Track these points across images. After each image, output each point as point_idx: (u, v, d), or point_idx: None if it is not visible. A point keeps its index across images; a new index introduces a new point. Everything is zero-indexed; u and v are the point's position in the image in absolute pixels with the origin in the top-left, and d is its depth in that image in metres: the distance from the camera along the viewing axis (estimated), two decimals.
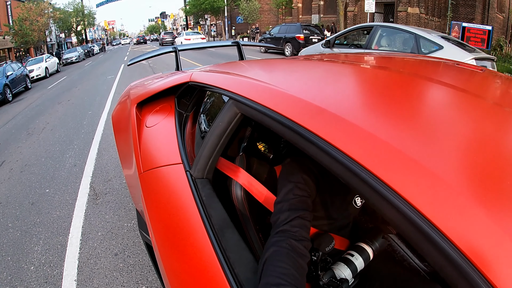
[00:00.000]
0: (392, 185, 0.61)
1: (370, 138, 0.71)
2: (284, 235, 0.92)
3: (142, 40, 58.72)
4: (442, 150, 0.68)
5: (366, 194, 0.66)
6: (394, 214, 0.61)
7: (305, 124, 0.82)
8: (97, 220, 3.20)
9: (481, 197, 0.56)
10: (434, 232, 0.54)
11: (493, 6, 22.37)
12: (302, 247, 0.92)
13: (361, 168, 0.67)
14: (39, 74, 19.22)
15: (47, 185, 4.18)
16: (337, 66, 1.49)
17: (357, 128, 0.75)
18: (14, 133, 7.28)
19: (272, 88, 1.05)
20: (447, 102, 0.98)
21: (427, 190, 0.58)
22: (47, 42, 38.33)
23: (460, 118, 0.86)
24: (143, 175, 1.56)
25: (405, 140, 0.71)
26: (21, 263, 2.74)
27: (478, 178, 0.62)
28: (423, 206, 0.57)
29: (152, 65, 15.75)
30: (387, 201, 0.61)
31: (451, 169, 0.63)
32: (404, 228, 0.60)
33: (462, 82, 1.23)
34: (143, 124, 1.89)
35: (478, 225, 0.52)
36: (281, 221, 0.96)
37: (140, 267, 2.48)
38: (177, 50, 2.86)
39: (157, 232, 1.26)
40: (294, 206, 0.99)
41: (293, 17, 33.77)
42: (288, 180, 1.07)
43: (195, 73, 1.65)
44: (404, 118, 0.84)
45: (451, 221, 0.53)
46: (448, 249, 0.52)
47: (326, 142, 0.75)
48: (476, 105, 0.94)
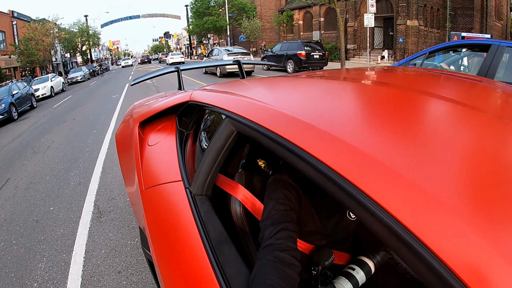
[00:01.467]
0: (384, 205, 0.62)
1: (358, 153, 0.73)
2: (269, 249, 0.94)
3: (146, 59, 59.50)
4: (435, 167, 0.68)
5: (354, 209, 0.68)
6: (383, 232, 0.61)
7: (293, 140, 0.86)
8: (100, 238, 3.23)
9: (480, 219, 0.55)
10: (425, 251, 0.54)
11: (491, 15, 22.63)
12: (289, 257, 0.93)
13: (346, 183, 0.69)
14: (44, 93, 19.47)
15: (51, 203, 4.22)
16: (335, 83, 1.52)
17: (343, 143, 0.77)
18: (20, 151, 7.36)
19: (265, 106, 1.09)
20: (442, 115, 0.99)
21: (418, 209, 0.59)
22: (53, 62, 38.90)
23: (455, 132, 0.86)
24: (144, 192, 1.60)
25: (399, 158, 0.71)
26: (25, 280, 2.75)
27: (475, 198, 0.61)
28: (412, 224, 0.57)
29: (156, 84, 15.94)
30: (377, 219, 0.62)
31: (446, 189, 0.62)
32: (391, 244, 0.60)
33: (457, 94, 1.25)
34: (145, 142, 1.94)
35: (473, 245, 0.52)
36: (266, 237, 0.98)
37: (143, 284, 2.49)
38: (179, 70, 2.92)
39: (157, 248, 1.29)
40: (276, 220, 1.01)
41: (294, 34, 34.25)
42: (270, 198, 1.09)
43: (194, 92, 1.71)
44: (398, 135, 0.84)
45: (445, 243, 0.53)
46: (441, 270, 0.52)
47: (314, 157, 0.78)
48: (473, 118, 0.94)
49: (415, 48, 20.99)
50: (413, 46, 21.12)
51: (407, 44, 21.15)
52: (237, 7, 38.26)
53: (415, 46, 21.13)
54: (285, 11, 35.20)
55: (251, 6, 38.28)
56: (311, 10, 31.39)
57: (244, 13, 37.56)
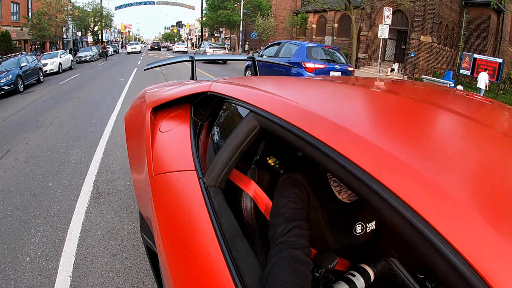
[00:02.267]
0: (414, 206, 0.64)
1: (392, 159, 0.74)
2: (283, 246, 0.95)
3: (156, 46, 59.42)
4: (456, 173, 0.72)
5: (382, 210, 0.69)
6: (410, 231, 0.63)
7: (327, 141, 0.85)
8: (97, 219, 3.21)
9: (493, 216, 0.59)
10: (447, 248, 0.57)
11: (505, 39, 22.65)
12: (303, 255, 0.94)
13: (381, 187, 0.69)
14: (52, 69, 19.50)
15: (50, 179, 4.21)
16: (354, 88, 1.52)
17: (378, 149, 0.77)
18: (23, 124, 7.34)
19: (293, 104, 1.07)
20: (460, 130, 1.01)
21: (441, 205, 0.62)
22: (63, 39, 38.83)
23: (475, 147, 0.89)
24: (154, 178, 1.58)
25: (422, 161, 0.74)
26: (17, 253, 2.74)
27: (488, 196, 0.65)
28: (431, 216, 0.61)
29: (164, 72, 15.92)
30: (406, 220, 0.64)
31: (465, 190, 0.66)
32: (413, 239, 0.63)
33: (473, 112, 1.25)
34: (157, 128, 1.92)
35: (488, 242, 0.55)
36: (278, 234, 0.98)
37: (137, 270, 2.47)
38: (194, 59, 2.90)
39: (165, 236, 1.27)
40: (289, 218, 1.02)
41: (307, 37, 34.22)
42: (281, 195, 1.10)
43: (214, 83, 1.69)
44: (421, 141, 0.87)
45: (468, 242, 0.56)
46: (460, 265, 0.55)
47: (347, 159, 0.78)
48: (486, 135, 0.98)
49: (425, 64, 20.97)
50: (424, 62, 21.07)
51: (418, 60, 21.09)
52: (253, 3, 38.16)
53: (426, 62, 21.10)
54: (300, 13, 35.16)
55: (266, 5, 38.19)
56: (326, 15, 31.35)
57: (259, 11, 37.50)
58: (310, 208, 1.13)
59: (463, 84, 17.36)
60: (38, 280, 2.42)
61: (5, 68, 13.47)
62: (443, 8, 21.46)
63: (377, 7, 23.11)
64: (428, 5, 20.68)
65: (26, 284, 2.38)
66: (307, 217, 1.11)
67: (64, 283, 2.37)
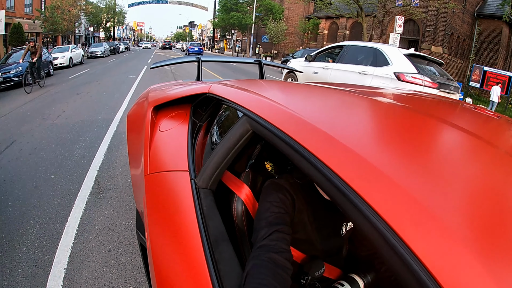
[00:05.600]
0: (395, 227, 0.62)
1: (381, 176, 0.72)
2: (263, 250, 0.95)
3: (167, 45, 59.92)
4: (447, 195, 0.69)
5: (364, 228, 0.67)
6: (387, 251, 0.62)
7: (316, 153, 0.84)
8: (96, 213, 3.23)
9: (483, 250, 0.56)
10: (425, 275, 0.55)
11: None
12: (282, 259, 0.93)
13: (364, 204, 0.68)
14: (62, 63, 19.62)
15: (53, 172, 4.25)
16: (357, 98, 1.50)
17: (367, 163, 0.76)
18: (29, 116, 7.42)
19: (286, 110, 1.07)
20: (459, 145, 0.99)
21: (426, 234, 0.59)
22: (75, 33, 39.19)
23: (472, 165, 0.87)
24: (148, 176, 1.59)
25: (411, 179, 0.72)
26: (14, 243, 2.77)
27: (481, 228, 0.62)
28: (418, 248, 0.58)
29: (174, 71, 16.01)
30: (383, 238, 0.63)
31: (455, 215, 0.63)
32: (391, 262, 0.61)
33: (476, 127, 1.24)
34: (156, 127, 1.93)
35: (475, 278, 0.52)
36: (260, 238, 0.99)
37: (131, 266, 2.49)
38: (200, 60, 2.92)
39: (153, 233, 1.28)
40: (271, 222, 1.02)
41: (318, 43, 34.26)
42: (266, 200, 1.10)
43: (213, 85, 1.70)
44: (414, 157, 0.85)
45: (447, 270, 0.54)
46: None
47: (335, 174, 0.77)
48: (488, 152, 0.95)
49: None
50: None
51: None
52: (265, 7, 38.28)
53: None
54: (312, 19, 35.21)
55: (279, 9, 38.30)
56: (338, 21, 31.37)
57: (271, 14, 37.60)
58: (295, 212, 1.13)
59: (472, 97, 17.22)
60: (33, 270, 2.44)
61: (16, 59, 13.60)
62: (455, 19, 21.39)
63: (389, 15, 23.08)
64: (440, 16, 20.62)
65: (21, 274, 2.40)
66: (292, 221, 1.11)
67: (58, 275, 2.38)
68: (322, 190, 0.81)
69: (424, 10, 20.81)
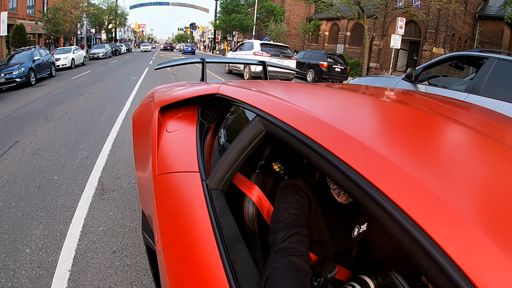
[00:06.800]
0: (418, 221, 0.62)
1: (398, 171, 0.72)
2: (283, 253, 0.94)
3: (169, 47, 60.01)
4: (462, 187, 0.70)
5: (385, 222, 0.68)
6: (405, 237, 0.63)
7: (331, 149, 0.84)
8: (100, 215, 3.22)
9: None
10: (451, 267, 0.55)
11: None
12: (303, 263, 0.93)
13: (386, 199, 0.68)
14: (65, 64, 19.68)
15: (56, 172, 4.23)
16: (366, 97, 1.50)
17: (385, 160, 0.76)
18: (32, 116, 7.40)
19: (302, 110, 1.06)
20: (470, 144, 0.99)
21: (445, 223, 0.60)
22: (77, 35, 39.25)
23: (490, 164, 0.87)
24: (157, 177, 1.58)
25: (428, 174, 0.72)
26: (18, 244, 2.75)
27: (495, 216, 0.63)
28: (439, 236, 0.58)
29: (175, 73, 16.00)
30: (401, 227, 0.63)
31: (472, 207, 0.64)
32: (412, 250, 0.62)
33: (484, 126, 1.23)
34: (163, 128, 1.92)
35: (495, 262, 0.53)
36: (278, 240, 0.98)
37: (136, 268, 2.47)
38: (205, 61, 2.90)
39: (165, 236, 1.26)
40: (289, 224, 1.01)
41: (319, 45, 34.26)
42: (282, 201, 1.09)
43: (223, 86, 1.68)
44: (428, 154, 0.86)
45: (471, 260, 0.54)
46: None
47: (352, 169, 0.76)
48: None
49: None
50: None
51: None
52: (266, 9, 38.27)
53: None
54: (313, 20, 35.19)
55: (280, 10, 38.28)
56: (339, 23, 31.35)
57: (272, 16, 37.58)
58: (311, 213, 1.13)
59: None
60: (37, 272, 2.42)
61: (18, 60, 13.68)
62: (456, 21, 21.36)
63: (390, 17, 23.05)
64: (442, 17, 20.58)
65: (24, 276, 2.38)
66: (308, 222, 1.10)
67: (62, 276, 2.37)
68: (342, 189, 0.80)
69: (426, 11, 20.75)
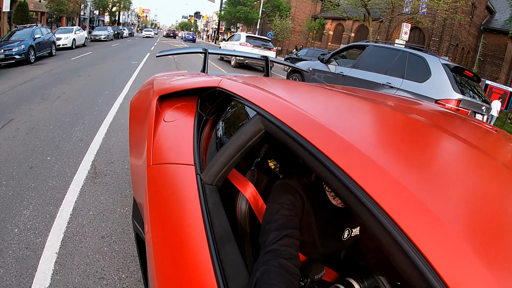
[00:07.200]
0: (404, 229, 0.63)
1: (393, 180, 0.73)
2: (273, 254, 0.94)
3: (172, 34, 59.67)
4: (451, 199, 0.72)
5: (375, 230, 0.68)
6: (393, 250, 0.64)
7: (334, 158, 0.83)
8: (91, 198, 3.20)
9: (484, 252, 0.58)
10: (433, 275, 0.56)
11: None
12: (292, 265, 0.93)
13: (376, 207, 0.68)
14: (65, 44, 19.48)
15: (49, 153, 4.20)
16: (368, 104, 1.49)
17: (379, 169, 0.76)
18: (29, 95, 7.33)
19: (304, 114, 1.05)
20: (460, 156, 1.00)
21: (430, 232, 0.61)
22: (80, 16, 38.87)
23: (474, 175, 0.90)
24: (151, 167, 1.56)
25: (417, 184, 0.73)
26: (6, 223, 2.73)
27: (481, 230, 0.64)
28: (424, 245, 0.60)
29: (177, 61, 15.90)
30: (391, 237, 0.64)
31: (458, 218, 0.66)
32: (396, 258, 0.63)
33: (476, 139, 1.24)
34: (161, 117, 1.90)
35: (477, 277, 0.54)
36: (269, 241, 0.98)
37: (124, 255, 2.46)
38: (207, 52, 2.88)
39: (155, 227, 1.25)
40: (281, 226, 1.01)
41: (322, 43, 34.29)
42: (276, 201, 1.09)
43: (224, 80, 1.66)
44: (421, 164, 0.87)
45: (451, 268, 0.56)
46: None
47: (351, 179, 0.76)
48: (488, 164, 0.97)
49: None
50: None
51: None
52: (273, 3, 38.11)
53: None
54: (319, 19, 35.14)
55: (286, 6, 38.15)
56: (344, 23, 31.38)
57: (278, 11, 37.46)
58: (303, 214, 1.13)
59: None
60: (24, 252, 2.41)
61: (19, 37, 13.54)
62: (461, 31, 21.42)
63: (396, 21, 23.08)
64: (447, 26, 20.65)
65: (11, 255, 2.36)
66: (300, 223, 1.10)
67: (49, 259, 2.35)
68: (336, 195, 0.80)
69: (431, 19, 20.79)
